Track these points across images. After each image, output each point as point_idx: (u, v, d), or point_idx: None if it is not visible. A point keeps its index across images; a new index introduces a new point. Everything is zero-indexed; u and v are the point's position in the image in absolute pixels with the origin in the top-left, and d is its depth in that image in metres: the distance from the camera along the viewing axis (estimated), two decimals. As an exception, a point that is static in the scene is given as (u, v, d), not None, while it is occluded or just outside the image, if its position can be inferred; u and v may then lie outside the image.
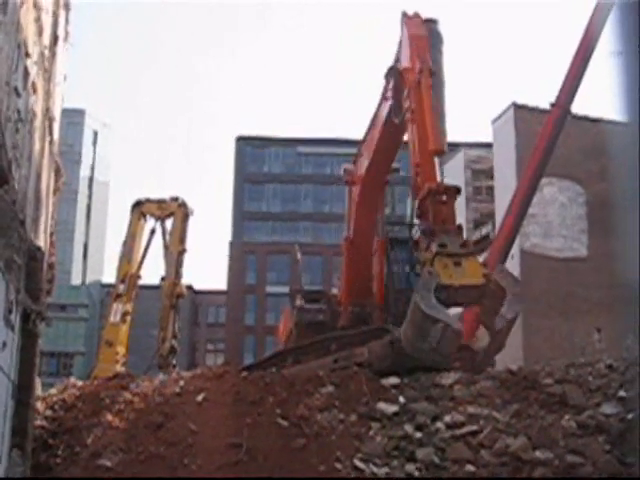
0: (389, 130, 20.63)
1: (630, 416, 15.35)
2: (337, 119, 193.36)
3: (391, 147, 21.87)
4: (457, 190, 17.58)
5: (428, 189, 17.00)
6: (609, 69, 2.11)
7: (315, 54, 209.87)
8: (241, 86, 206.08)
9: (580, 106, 34.69)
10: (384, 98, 20.82)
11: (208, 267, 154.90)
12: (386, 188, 24.44)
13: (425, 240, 16.94)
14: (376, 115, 21.42)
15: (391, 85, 19.95)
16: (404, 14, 19.62)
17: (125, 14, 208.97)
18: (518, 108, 40.66)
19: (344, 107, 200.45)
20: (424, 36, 18.92)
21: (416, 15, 19.43)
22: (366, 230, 22.97)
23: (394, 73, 19.62)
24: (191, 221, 30.98)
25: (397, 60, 20.31)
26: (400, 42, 19.78)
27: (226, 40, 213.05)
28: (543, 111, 33.18)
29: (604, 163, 34.71)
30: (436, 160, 18.05)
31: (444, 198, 17.05)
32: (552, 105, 30.32)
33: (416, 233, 18.90)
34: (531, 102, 40.30)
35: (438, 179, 17.94)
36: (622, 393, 17.00)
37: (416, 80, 18.11)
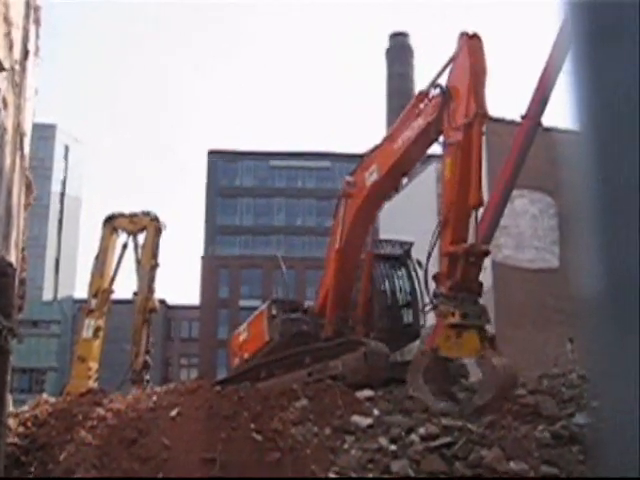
0: (419, 145, 20.52)
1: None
2: (309, 132, 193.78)
3: (413, 161, 21.92)
4: (487, 253, 18.34)
5: (464, 250, 17.42)
6: (564, 84, 2.15)
7: (288, 68, 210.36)
8: (213, 100, 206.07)
9: (551, 118, 34.87)
10: (415, 114, 20.43)
11: (181, 282, 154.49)
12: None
13: (448, 299, 17.33)
14: (401, 128, 21.04)
15: (433, 102, 19.62)
16: (464, 33, 19.13)
17: (97, 29, 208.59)
18: (489, 120, 40.78)
19: (316, 120, 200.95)
20: (485, 71, 18.59)
21: (476, 36, 18.93)
22: (358, 243, 22.94)
23: (442, 93, 19.23)
24: (163, 235, 30.89)
25: (440, 73, 19.90)
26: (454, 62, 19.24)
27: (198, 56, 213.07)
28: (514, 123, 33.35)
29: (568, 174, 34.96)
30: (473, 214, 18.46)
31: (474, 259, 17.47)
32: (523, 117, 30.48)
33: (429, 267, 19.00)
34: (502, 114, 40.45)
35: (471, 237, 18.30)
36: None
37: (468, 122, 18.05)
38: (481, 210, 30.08)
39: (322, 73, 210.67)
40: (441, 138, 19.26)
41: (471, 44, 18.74)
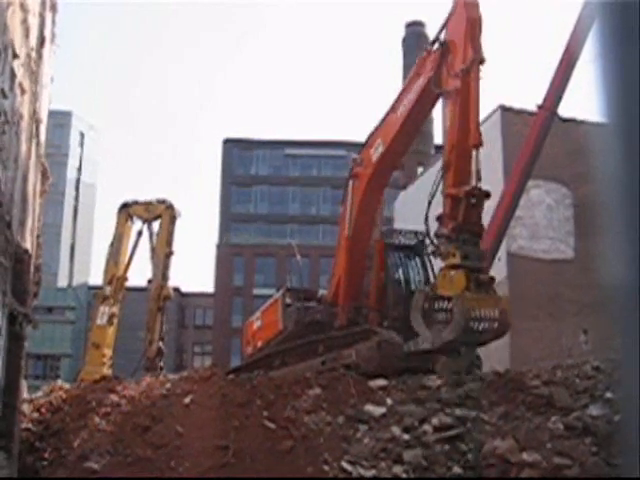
0: (422, 104, 20.80)
1: (617, 418, 15.40)
2: (324, 121, 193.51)
3: (418, 122, 22.16)
4: (487, 195, 18.42)
5: (465, 193, 17.76)
6: (590, 71, 2.12)
7: (302, 56, 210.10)
8: (229, 88, 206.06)
9: (566, 108, 34.76)
10: (417, 74, 20.88)
11: (195, 269, 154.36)
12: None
13: (451, 241, 17.87)
14: (404, 92, 21.39)
15: (432, 57, 20.08)
16: None
17: (113, 15, 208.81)
18: (505, 111, 40.55)
19: (331, 109, 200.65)
20: (480, 21, 19.08)
21: None
22: (366, 227, 23.02)
23: (441, 46, 19.73)
24: (178, 223, 30.93)
25: (439, 31, 20.26)
26: (450, 16, 19.72)
27: (214, 43, 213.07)
28: (530, 113, 33.24)
29: (590, 165, 34.81)
30: (473, 154, 18.60)
31: (475, 201, 17.66)
32: (539, 107, 30.40)
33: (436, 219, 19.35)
34: (518, 104, 40.33)
35: (473, 179, 18.51)
36: (609, 395, 17.06)
37: (466, 67, 18.43)
38: (496, 202, 30.21)
39: (338, 61, 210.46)
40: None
41: (466, 1, 19.21)
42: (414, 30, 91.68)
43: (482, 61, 18.56)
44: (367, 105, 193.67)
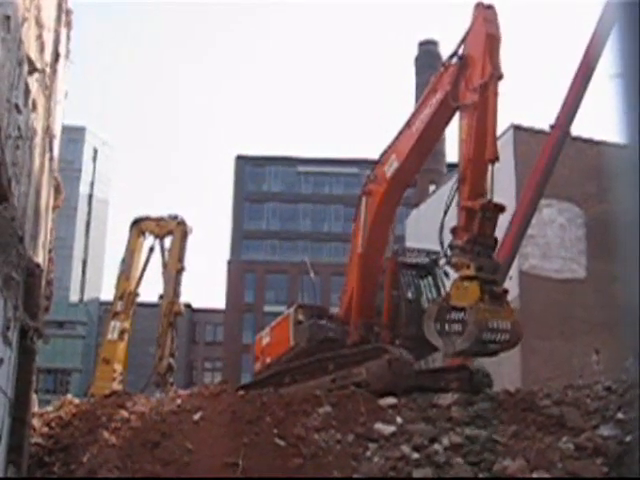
0: (439, 119, 20.87)
1: (628, 438, 15.30)
2: (337, 139, 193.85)
3: (434, 138, 22.28)
4: (502, 208, 18.58)
5: (481, 206, 17.96)
6: (609, 91, 2.11)
7: (316, 74, 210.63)
8: (242, 105, 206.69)
9: (579, 127, 34.79)
10: (434, 89, 20.96)
11: (206, 285, 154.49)
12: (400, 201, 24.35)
13: (465, 252, 18.03)
14: (417, 112, 21.48)
15: (450, 71, 20.16)
16: (479, 4, 19.73)
17: (126, 32, 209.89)
18: (517, 130, 40.60)
19: (344, 127, 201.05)
20: (499, 37, 19.18)
21: (490, 7, 19.53)
22: (379, 244, 22.97)
23: (460, 60, 19.86)
24: (190, 239, 30.98)
25: (458, 45, 20.33)
26: (469, 31, 19.82)
27: (227, 60, 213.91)
28: (542, 132, 33.25)
29: (603, 185, 34.81)
30: (489, 168, 18.78)
31: (490, 214, 18.05)
32: (552, 127, 30.41)
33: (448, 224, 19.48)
34: (530, 123, 40.35)
35: (489, 193, 18.61)
36: (620, 415, 16.95)
37: (484, 82, 18.59)
38: (508, 219, 30.17)
39: (351, 79, 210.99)
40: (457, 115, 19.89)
41: (486, 13, 19.34)
42: (427, 49, 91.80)
43: (500, 77, 18.66)
44: (380, 123, 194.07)
